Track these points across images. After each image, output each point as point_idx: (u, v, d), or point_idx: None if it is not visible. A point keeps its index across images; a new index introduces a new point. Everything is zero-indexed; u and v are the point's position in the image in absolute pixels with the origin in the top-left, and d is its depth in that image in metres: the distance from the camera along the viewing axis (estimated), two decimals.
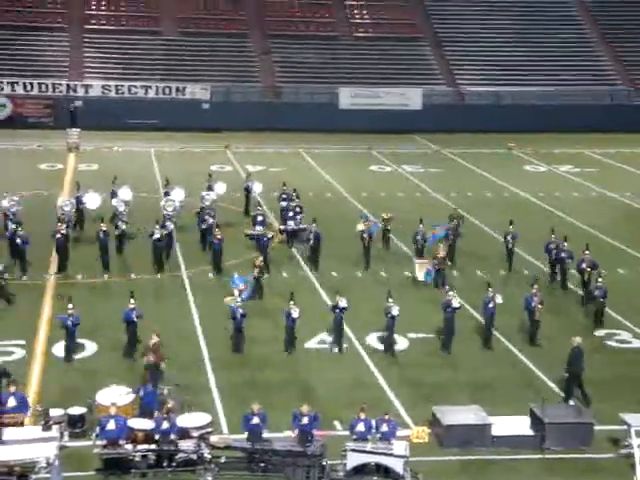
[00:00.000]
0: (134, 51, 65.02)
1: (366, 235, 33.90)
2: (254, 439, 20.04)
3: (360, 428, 20.18)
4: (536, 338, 27.36)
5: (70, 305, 25.31)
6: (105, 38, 65.73)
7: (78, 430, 21.02)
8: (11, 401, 20.53)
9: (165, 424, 19.93)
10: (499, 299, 26.99)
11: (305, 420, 20.20)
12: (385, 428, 20.15)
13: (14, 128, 57.97)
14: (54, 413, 20.45)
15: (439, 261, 31.99)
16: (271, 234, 34.50)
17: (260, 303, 29.67)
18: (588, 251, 31.08)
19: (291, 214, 36.50)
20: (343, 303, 26.63)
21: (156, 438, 19.85)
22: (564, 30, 70.94)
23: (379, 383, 24.80)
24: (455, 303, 26.82)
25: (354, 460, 19.59)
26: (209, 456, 19.67)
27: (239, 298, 27.09)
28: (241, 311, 26.16)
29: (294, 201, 37.83)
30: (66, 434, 20.44)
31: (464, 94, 66.15)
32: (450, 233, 34.56)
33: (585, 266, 30.63)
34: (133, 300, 25.61)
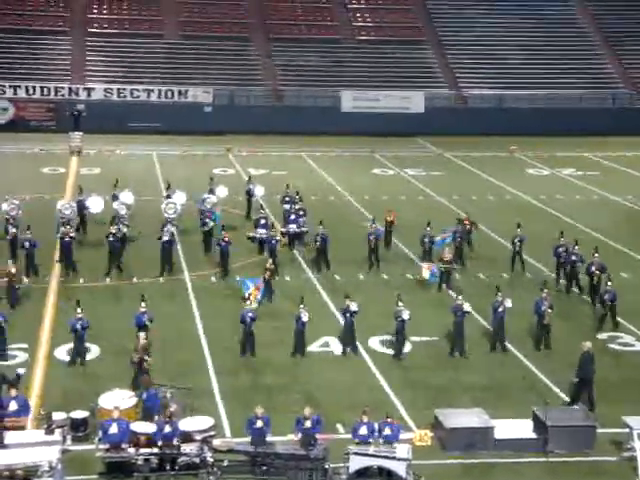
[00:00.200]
0: (136, 54, 65.09)
1: (372, 237, 33.93)
2: (258, 443, 19.96)
3: (363, 431, 20.14)
4: (549, 342, 27.20)
5: (79, 309, 25.30)
6: (107, 41, 65.85)
7: (81, 434, 21.02)
8: (12, 405, 20.52)
9: (168, 428, 19.88)
10: (509, 303, 26.88)
11: (308, 423, 20.17)
12: (388, 431, 20.11)
13: (16, 132, 58.14)
14: (57, 417, 20.35)
15: (445, 263, 31.97)
16: (278, 237, 34.59)
17: (265, 306, 29.64)
18: (597, 254, 30.97)
19: (293, 217, 36.49)
20: (354, 307, 26.58)
21: (159, 442, 19.81)
22: (566, 33, 71.01)
23: (382, 386, 24.75)
24: (466, 307, 26.81)
25: (357, 463, 19.56)
26: (212, 460, 19.64)
27: (256, 300, 27.06)
28: (251, 315, 26.03)
29: (297, 204, 37.84)
30: (69, 438, 20.41)
31: (466, 97, 66.17)
32: (458, 235, 34.53)
33: (595, 269, 30.53)
34: (144, 303, 25.54)
